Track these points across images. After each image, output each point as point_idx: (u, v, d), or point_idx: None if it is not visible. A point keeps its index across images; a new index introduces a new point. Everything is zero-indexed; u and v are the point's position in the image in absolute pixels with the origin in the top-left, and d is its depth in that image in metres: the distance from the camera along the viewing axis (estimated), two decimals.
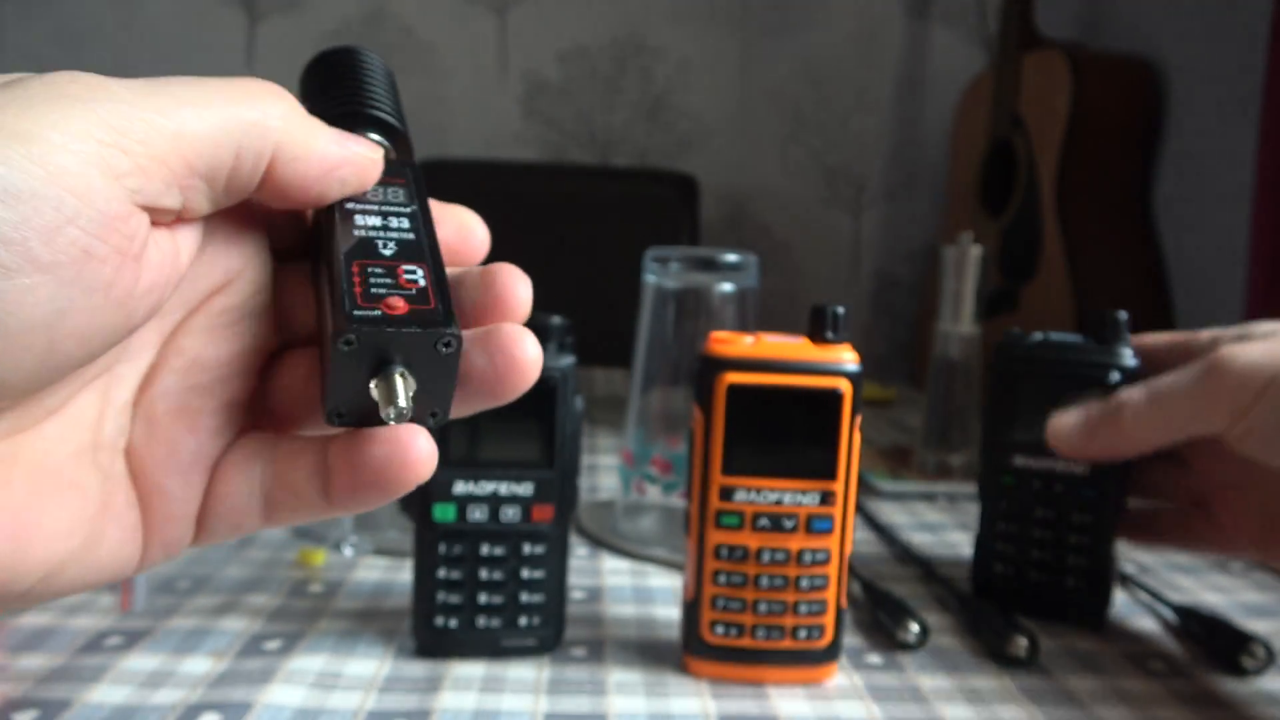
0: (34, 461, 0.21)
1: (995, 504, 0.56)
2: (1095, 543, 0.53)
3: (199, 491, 0.24)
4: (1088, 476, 0.53)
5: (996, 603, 0.54)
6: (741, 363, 0.42)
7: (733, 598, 0.44)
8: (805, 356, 0.42)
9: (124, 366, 0.23)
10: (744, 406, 0.43)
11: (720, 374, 0.42)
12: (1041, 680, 0.48)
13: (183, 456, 0.23)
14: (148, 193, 0.20)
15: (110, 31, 1.63)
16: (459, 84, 1.68)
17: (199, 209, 0.22)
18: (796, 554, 0.44)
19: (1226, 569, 0.65)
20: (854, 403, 0.43)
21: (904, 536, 0.69)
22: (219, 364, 0.24)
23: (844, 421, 0.43)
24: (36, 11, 1.62)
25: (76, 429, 0.22)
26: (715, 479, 0.43)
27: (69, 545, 0.21)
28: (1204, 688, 0.48)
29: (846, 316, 0.43)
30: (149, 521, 0.23)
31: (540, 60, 1.68)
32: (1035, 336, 0.54)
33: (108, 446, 0.23)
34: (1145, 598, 0.59)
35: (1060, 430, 0.50)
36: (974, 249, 0.84)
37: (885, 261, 1.66)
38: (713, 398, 0.43)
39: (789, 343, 0.43)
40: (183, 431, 0.23)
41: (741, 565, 0.44)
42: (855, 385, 0.43)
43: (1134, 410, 0.46)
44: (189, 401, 0.23)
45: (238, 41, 1.64)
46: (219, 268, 0.24)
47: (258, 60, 1.65)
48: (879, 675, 0.47)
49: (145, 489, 0.23)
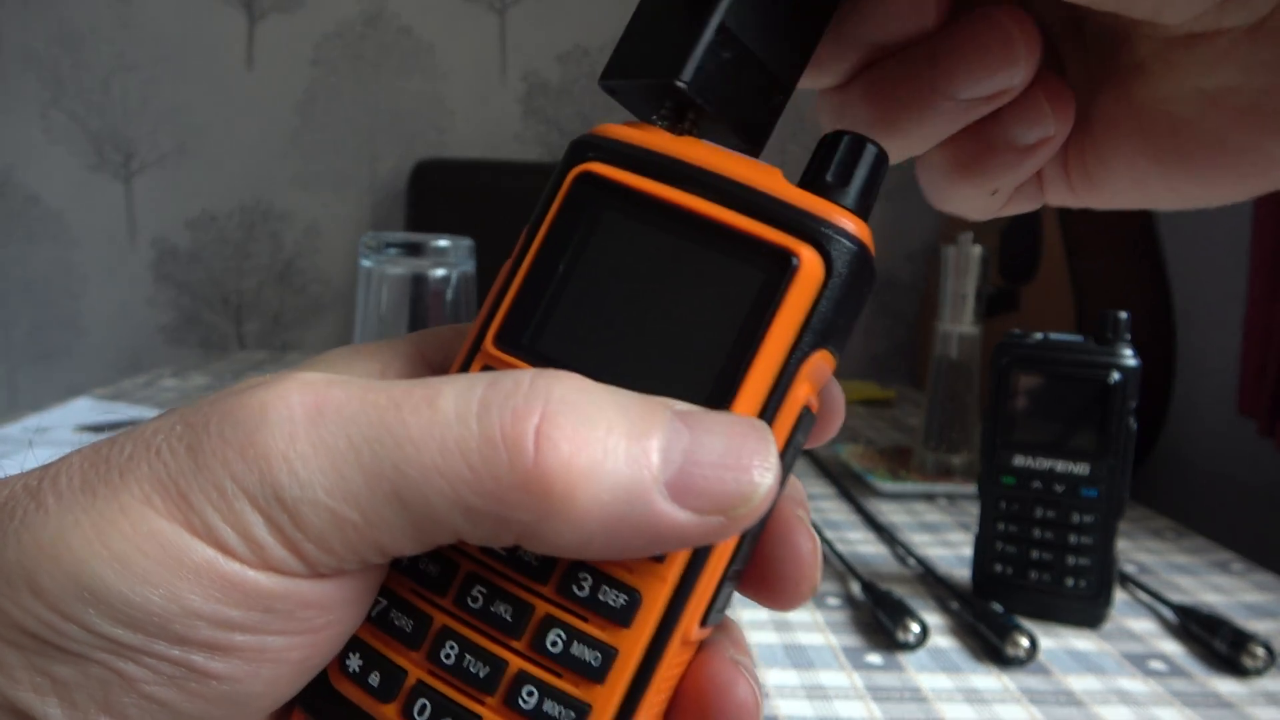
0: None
1: (995, 504, 0.56)
2: (1095, 543, 0.53)
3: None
4: (1088, 476, 0.53)
5: (996, 603, 0.54)
6: (628, 153, 0.20)
7: None
8: (762, 183, 0.19)
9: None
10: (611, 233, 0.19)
11: (581, 160, 0.20)
12: (1041, 680, 0.48)
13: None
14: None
15: (110, 31, 1.63)
16: (459, 84, 1.68)
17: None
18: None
19: (1227, 569, 0.65)
20: (839, 301, 0.19)
21: (904, 536, 0.69)
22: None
23: (788, 315, 0.18)
24: (36, 11, 1.62)
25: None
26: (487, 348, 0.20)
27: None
28: (1204, 688, 0.48)
29: (879, 164, 0.20)
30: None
31: (540, 60, 1.68)
32: (1035, 336, 0.54)
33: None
34: (1145, 598, 0.59)
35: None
36: (974, 249, 0.84)
37: (885, 261, 1.66)
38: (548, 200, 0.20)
39: (742, 160, 0.20)
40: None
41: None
42: (851, 270, 0.18)
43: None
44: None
45: (238, 41, 1.65)
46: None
47: (258, 60, 1.65)
48: (879, 675, 0.47)
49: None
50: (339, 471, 0.16)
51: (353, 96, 1.67)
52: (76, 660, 0.16)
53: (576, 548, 0.16)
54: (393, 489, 0.16)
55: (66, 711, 0.16)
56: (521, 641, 0.18)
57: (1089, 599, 0.53)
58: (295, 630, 0.17)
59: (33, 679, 0.16)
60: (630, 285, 0.19)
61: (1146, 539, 0.71)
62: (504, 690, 0.18)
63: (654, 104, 0.21)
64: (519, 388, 0.16)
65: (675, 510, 0.16)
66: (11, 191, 1.66)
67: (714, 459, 0.16)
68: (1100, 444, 0.52)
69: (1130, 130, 0.22)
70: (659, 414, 0.17)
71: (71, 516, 0.16)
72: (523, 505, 0.16)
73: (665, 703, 0.19)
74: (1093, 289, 1.15)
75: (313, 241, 1.70)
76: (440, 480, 0.16)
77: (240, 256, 1.70)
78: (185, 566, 0.16)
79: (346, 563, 0.17)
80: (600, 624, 0.18)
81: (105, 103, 1.64)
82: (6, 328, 1.71)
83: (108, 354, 1.71)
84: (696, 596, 0.18)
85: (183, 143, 1.66)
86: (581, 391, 0.16)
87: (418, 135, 1.68)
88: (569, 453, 0.16)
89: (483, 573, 0.18)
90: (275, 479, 0.16)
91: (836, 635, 0.52)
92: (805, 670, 0.48)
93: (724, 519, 0.16)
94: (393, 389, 0.17)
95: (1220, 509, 1.13)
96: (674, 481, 0.16)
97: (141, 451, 0.16)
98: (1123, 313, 0.52)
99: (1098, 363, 0.52)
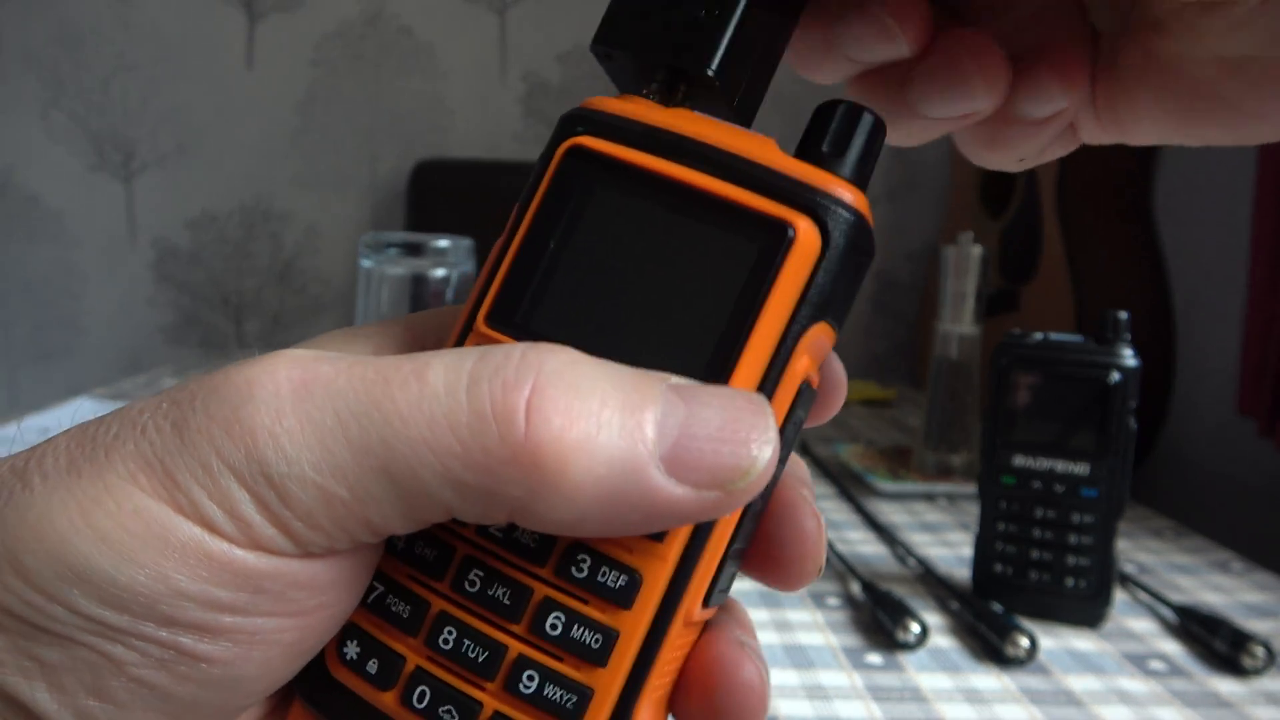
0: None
1: (995, 504, 0.56)
2: (1095, 543, 0.53)
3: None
4: (1088, 476, 0.53)
5: (996, 603, 0.54)
6: (619, 126, 0.19)
7: None
8: (757, 154, 0.18)
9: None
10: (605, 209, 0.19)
11: (571, 134, 0.19)
12: (1041, 680, 0.48)
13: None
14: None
15: (110, 31, 1.63)
16: (459, 84, 1.68)
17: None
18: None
19: (1227, 569, 0.65)
20: (837, 273, 0.18)
21: (904, 536, 0.69)
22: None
23: (785, 287, 0.18)
24: (36, 11, 1.62)
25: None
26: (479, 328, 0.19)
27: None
28: (1204, 688, 0.48)
29: (876, 132, 0.19)
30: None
31: (540, 60, 1.68)
32: (1035, 336, 0.54)
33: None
34: (1145, 598, 0.59)
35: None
36: (974, 249, 0.84)
37: (885, 261, 1.66)
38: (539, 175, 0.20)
39: (736, 131, 0.19)
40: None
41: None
42: (849, 240, 0.18)
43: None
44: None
45: (238, 41, 1.65)
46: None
47: (258, 60, 1.65)
48: (879, 675, 0.47)
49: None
50: (326, 447, 0.16)
51: (353, 96, 1.67)
52: (63, 643, 0.15)
53: (571, 524, 0.16)
54: (381, 464, 0.16)
55: (54, 695, 0.16)
56: (520, 625, 0.18)
57: (1089, 599, 0.54)
58: (286, 612, 0.17)
59: (19, 662, 0.16)
60: (624, 260, 0.18)
61: (1146, 539, 0.71)
62: (504, 675, 0.17)
63: (646, 76, 0.20)
64: (509, 361, 0.16)
65: (671, 485, 0.16)
66: (11, 191, 1.66)
67: (710, 432, 0.16)
68: (1100, 444, 0.52)
69: (1152, 82, 0.22)
70: (654, 387, 0.16)
71: (57, 496, 0.16)
72: (514, 480, 0.15)
73: (670, 685, 0.19)
74: (1093, 289, 1.15)
75: (313, 241, 1.70)
76: (429, 455, 0.15)
77: (240, 256, 1.70)
78: (171, 545, 0.15)
79: (336, 541, 0.16)
80: (600, 606, 0.17)
81: (105, 103, 1.64)
82: (6, 328, 1.71)
83: (108, 354, 1.71)
84: (698, 576, 0.18)
85: (183, 143, 1.66)
86: (574, 364, 0.16)
87: (418, 135, 1.68)
88: (560, 426, 0.15)
89: (480, 556, 0.18)
90: (261, 455, 0.16)
91: (836, 635, 0.52)
92: (805, 670, 0.48)
93: (722, 494, 0.16)
94: (381, 364, 0.16)
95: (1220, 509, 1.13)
96: (670, 455, 0.16)
97: (128, 430, 0.16)
98: (1123, 313, 0.52)
99: (1098, 363, 0.52)
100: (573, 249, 0.19)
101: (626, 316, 0.18)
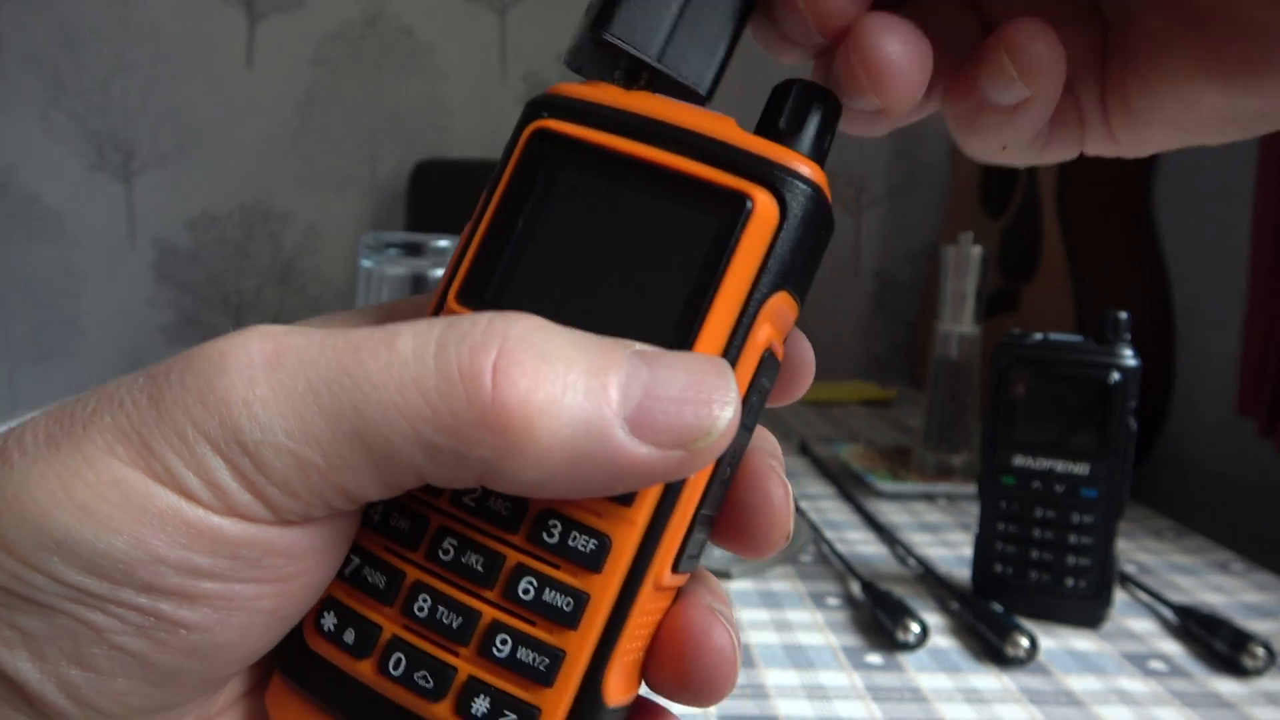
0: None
1: (995, 504, 0.56)
2: (1095, 543, 0.53)
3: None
4: (1088, 476, 0.53)
5: (996, 603, 0.54)
6: (583, 109, 0.20)
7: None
8: (716, 131, 0.19)
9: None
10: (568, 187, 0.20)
11: (536, 117, 0.20)
12: (1041, 680, 0.48)
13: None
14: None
15: (110, 31, 1.63)
16: (459, 84, 1.68)
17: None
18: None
19: (1227, 569, 0.65)
20: (796, 243, 0.19)
21: (904, 536, 0.68)
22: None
23: (745, 257, 0.18)
24: (36, 11, 1.62)
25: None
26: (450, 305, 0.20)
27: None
28: (1204, 688, 0.48)
29: (831, 110, 0.20)
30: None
31: (540, 60, 1.68)
32: (1035, 336, 0.54)
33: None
34: (1145, 598, 0.59)
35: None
36: (974, 249, 0.84)
37: (885, 261, 1.66)
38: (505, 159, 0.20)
39: (696, 111, 0.20)
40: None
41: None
42: (807, 212, 0.19)
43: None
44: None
45: (238, 41, 1.65)
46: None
47: (258, 60, 1.65)
48: (879, 675, 0.47)
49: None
50: (299, 414, 0.16)
51: (353, 96, 1.67)
52: (44, 611, 0.16)
53: (539, 485, 0.16)
54: (353, 429, 0.16)
55: (36, 664, 0.16)
56: (494, 591, 0.18)
57: (1089, 599, 0.53)
58: (264, 579, 0.17)
59: (1, 632, 0.16)
60: (590, 237, 0.19)
61: (1146, 539, 0.71)
62: (478, 640, 0.18)
63: (608, 65, 0.21)
64: (476, 327, 0.16)
65: (635, 445, 0.16)
66: (11, 191, 1.66)
67: (674, 393, 0.17)
68: (1100, 444, 0.52)
69: (1185, 45, 0.21)
70: (618, 352, 0.17)
71: (36, 469, 0.16)
72: (482, 441, 0.16)
73: (642, 650, 0.19)
74: (1093, 289, 1.15)
75: (313, 242, 1.70)
76: (399, 419, 0.16)
77: (240, 257, 1.70)
78: (149, 513, 0.16)
79: (312, 508, 0.17)
80: (571, 570, 0.18)
81: (105, 103, 1.64)
82: (6, 328, 1.70)
83: (108, 354, 1.71)
84: (667, 540, 0.18)
85: (183, 143, 1.66)
86: (540, 330, 0.17)
87: (418, 135, 1.68)
88: (527, 388, 0.16)
89: (453, 525, 0.18)
90: (236, 423, 0.16)
91: (836, 635, 0.52)
92: (805, 670, 0.48)
93: (685, 453, 0.17)
94: (352, 334, 0.17)
95: (1220, 509, 1.12)
96: (634, 416, 0.16)
97: (105, 405, 0.17)
98: (1123, 313, 0.52)
99: (1098, 363, 0.52)
100: (540, 227, 0.19)
101: (593, 290, 0.19)
